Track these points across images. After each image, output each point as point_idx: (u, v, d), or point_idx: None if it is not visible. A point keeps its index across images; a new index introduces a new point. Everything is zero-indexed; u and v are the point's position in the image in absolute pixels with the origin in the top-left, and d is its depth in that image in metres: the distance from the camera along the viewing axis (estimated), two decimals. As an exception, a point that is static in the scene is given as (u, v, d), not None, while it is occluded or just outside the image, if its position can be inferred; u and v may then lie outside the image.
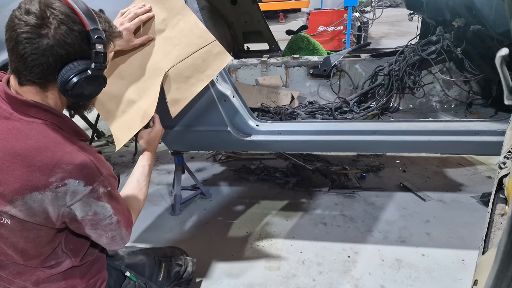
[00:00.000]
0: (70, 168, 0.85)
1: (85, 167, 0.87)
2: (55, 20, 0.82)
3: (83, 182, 0.87)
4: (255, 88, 2.47)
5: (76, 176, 0.86)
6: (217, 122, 1.75)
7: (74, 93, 0.88)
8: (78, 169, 0.86)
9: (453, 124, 1.76)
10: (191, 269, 1.54)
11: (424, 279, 1.66)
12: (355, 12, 5.43)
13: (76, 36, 0.85)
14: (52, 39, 0.82)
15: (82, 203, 0.89)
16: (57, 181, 0.84)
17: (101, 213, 0.93)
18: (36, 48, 0.82)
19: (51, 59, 0.83)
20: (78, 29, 0.85)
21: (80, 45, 0.86)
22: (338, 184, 2.43)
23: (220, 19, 3.02)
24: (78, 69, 0.86)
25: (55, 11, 0.83)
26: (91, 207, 0.91)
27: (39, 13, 0.82)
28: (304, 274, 1.73)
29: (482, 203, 2.15)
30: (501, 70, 0.70)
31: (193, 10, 1.63)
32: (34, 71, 0.84)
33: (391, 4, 9.80)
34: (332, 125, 1.88)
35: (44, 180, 0.84)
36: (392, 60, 2.26)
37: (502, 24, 1.53)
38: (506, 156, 1.06)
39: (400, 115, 2.22)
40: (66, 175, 0.85)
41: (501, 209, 0.92)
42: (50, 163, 0.84)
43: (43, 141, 0.86)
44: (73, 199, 0.87)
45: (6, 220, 0.88)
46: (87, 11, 0.88)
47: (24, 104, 0.87)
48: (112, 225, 0.97)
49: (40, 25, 0.81)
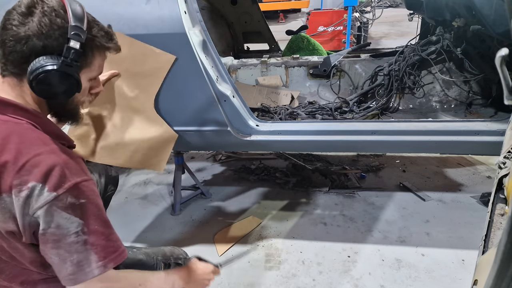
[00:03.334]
0: (36, 171, 0.80)
1: (52, 170, 0.81)
2: (40, 12, 0.83)
3: (46, 187, 0.80)
4: (255, 88, 2.47)
5: (39, 179, 0.80)
6: (217, 122, 1.75)
7: (39, 88, 0.85)
8: (43, 172, 0.80)
9: (453, 124, 1.76)
10: None
11: (424, 279, 1.66)
12: (355, 12, 5.43)
13: (54, 29, 0.84)
14: (31, 29, 0.82)
15: (44, 212, 0.80)
16: (22, 184, 0.79)
17: (64, 227, 0.82)
18: (15, 35, 0.82)
19: (25, 49, 0.83)
20: (59, 23, 0.84)
21: (57, 39, 0.84)
22: (338, 184, 2.44)
23: (220, 19, 3.02)
24: (46, 62, 0.83)
25: (45, 4, 0.84)
26: (53, 217, 0.81)
27: (29, 3, 0.84)
28: (304, 274, 1.73)
29: (482, 203, 2.15)
30: (501, 70, 0.70)
31: (193, 10, 1.64)
32: (9, 59, 0.85)
33: (391, 4, 9.79)
34: (332, 125, 1.88)
35: (9, 181, 0.80)
36: (392, 60, 2.26)
37: (502, 24, 1.53)
38: (506, 156, 1.06)
39: (400, 115, 2.22)
40: (30, 177, 0.80)
41: (501, 209, 0.92)
42: (17, 164, 0.80)
43: (14, 141, 0.82)
44: (35, 205, 0.80)
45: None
46: (77, 11, 0.87)
47: (1, 103, 0.86)
48: (77, 244, 0.83)
49: (26, 14, 0.83)
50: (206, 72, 1.64)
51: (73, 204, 0.82)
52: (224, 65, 1.76)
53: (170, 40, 1.59)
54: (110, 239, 0.88)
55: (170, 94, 1.69)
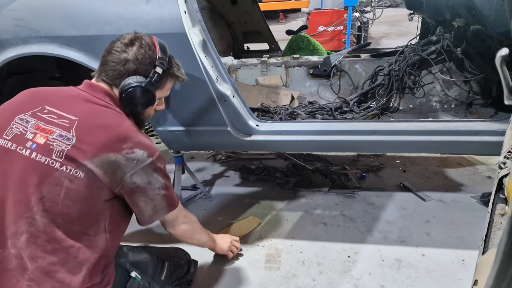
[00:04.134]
0: (137, 141, 1.10)
1: (147, 143, 1.13)
2: (138, 44, 1.17)
3: (146, 153, 1.10)
4: (255, 88, 2.47)
5: (142, 147, 1.10)
6: (217, 122, 1.75)
7: (127, 97, 1.16)
8: (143, 143, 1.11)
9: (453, 124, 1.76)
10: (192, 270, 1.56)
11: (424, 279, 1.66)
12: (355, 12, 5.43)
13: (146, 58, 1.17)
14: (130, 55, 1.16)
15: (142, 171, 1.09)
16: (128, 148, 1.07)
17: (153, 183, 1.13)
18: (117, 58, 1.16)
19: (122, 68, 1.16)
20: (150, 55, 1.18)
21: (146, 65, 1.18)
22: (338, 184, 2.43)
23: (220, 19, 3.02)
24: (137, 80, 1.16)
25: (142, 40, 1.19)
26: (147, 176, 1.11)
27: (131, 38, 1.19)
28: (304, 274, 1.73)
29: (482, 203, 2.15)
30: (501, 70, 0.70)
31: (193, 10, 1.64)
32: (108, 74, 1.17)
33: (391, 4, 9.80)
34: (332, 125, 1.88)
35: (119, 146, 1.06)
36: (392, 60, 2.26)
37: (502, 24, 1.53)
38: (506, 156, 1.06)
39: (400, 115, 2.22)
40: (135, 145, 1.08)
41: (501, 209, 0.92)
42: (124, 134, 1.09)
43: (118, 120, 1.13)
44: (137, 166, 1.08)
45: (80, 174, 1.03)
46: (164, 48, 1.23)
47: (102, 92, 1.16)
48: (158, 196, 1.16)
49: (128, 45, 1.17)
50: (206, 72, 1.64)
51: (160, 168, 1.15)
52: (224, 65, 1.76)
53: (170, 40, 1.59)
54: (171, 192, 1.23)
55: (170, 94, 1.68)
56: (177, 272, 1.46)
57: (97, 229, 1.09)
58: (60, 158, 1.02)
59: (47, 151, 1.02)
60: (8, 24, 1.63)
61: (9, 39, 1.64)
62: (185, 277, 1.52)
